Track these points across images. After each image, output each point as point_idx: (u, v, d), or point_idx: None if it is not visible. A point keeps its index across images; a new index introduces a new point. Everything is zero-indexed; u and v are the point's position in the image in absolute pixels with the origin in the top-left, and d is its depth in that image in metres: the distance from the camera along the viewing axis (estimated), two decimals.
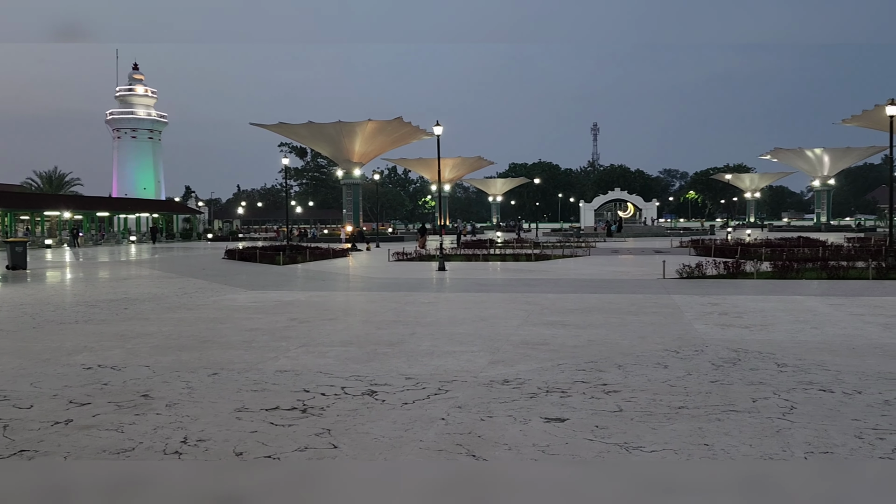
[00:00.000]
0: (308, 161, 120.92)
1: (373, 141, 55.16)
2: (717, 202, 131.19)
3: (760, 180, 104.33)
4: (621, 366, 7.21)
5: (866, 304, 12.09)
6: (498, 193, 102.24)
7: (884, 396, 5.85)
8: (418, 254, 27.95)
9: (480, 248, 31.72)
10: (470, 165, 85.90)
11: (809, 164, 79.40)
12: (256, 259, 26.54)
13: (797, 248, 26.76)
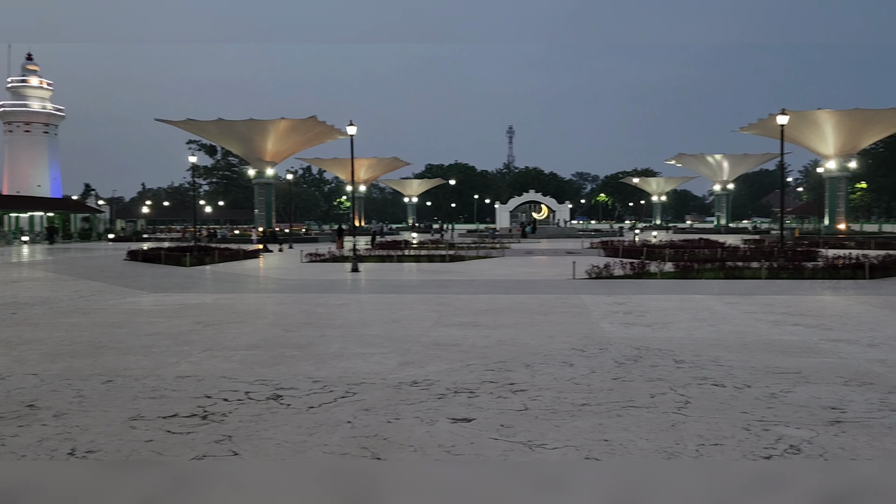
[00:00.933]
0: (218, 159, 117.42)
1: (286, 140, 54.12)
2: (626, 205, 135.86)
3: (666, 184, 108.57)
4: (529, 365, 7.32)
5: (758, 302, 12.76)
6: (414, 194, 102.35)
7: (770, 390, 6.18)
8: (332, 255, 27.61)
9: (395, 249, 31.64)
10: (386, 166, 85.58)
11: (710, 169, 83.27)
12: (161, 260, 25.53)
13: (698, 249, 27.99)
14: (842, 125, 51.59)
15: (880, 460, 4.40)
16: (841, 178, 54.88)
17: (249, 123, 51.86)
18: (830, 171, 54.63)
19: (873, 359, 7.53)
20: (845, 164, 54.42)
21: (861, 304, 12.42)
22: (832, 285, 16.03)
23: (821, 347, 8.24)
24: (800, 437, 4.84)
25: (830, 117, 51.22)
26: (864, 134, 53.83)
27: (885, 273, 18.17)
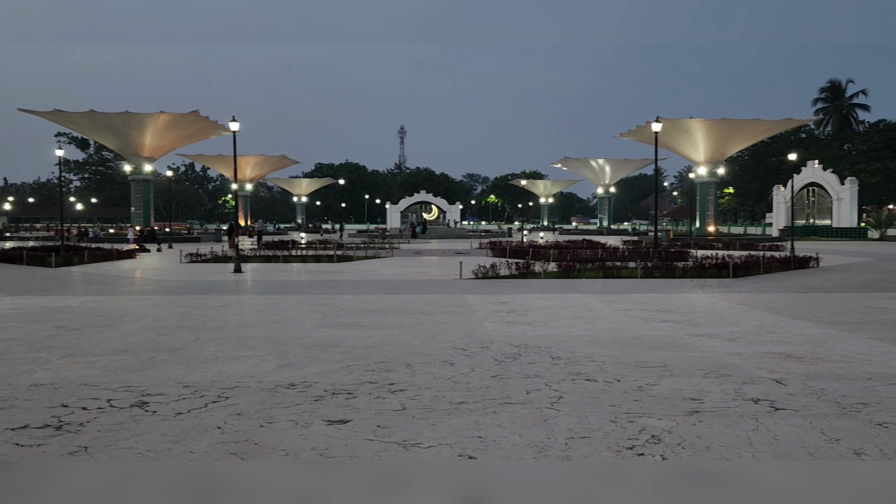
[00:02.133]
0: (91, 154, 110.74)
1: (166, 135, 51.73)
2: (515, 206, 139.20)
3: (553, 186, 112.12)
4: (410, 365, 7.31)
5: (633, 300, 13.37)
6: (303, 193, 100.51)
7: (638, 383, 6.46)
8: (214, 255, 26.61)
9: (282, 249, 30.92)
10: (273, 164, 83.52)
11: (594, 172, 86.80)
12: (23, 261, 23.74)
13: (581, 249, 29.06)
14: (711, 133, 55.10)
15: (733, 448, 4.68)
16: (710, 183, 58.59)
17: (125, 116, 49.21)
18: (701, 176, 58.21)
19: (731, 352, 8.04)
20: (714, 171, 58.14)
21: (724, 302, 13.26)
22: (700, 284, 17.03)
23: (686, 342, 8.72)
24: (661, 428, 5.08)
25: (701, 126, 54.59)
26: (731, 142, 57.73)
27: (746, 272, 19.52)
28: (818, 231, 59.76)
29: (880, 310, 11.96)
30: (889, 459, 4.39)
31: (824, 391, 6.16)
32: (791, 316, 11.11)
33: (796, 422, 5.22)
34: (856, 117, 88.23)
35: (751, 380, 6.61)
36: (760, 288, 15.94)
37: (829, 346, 8.37)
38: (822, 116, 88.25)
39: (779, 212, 66.46)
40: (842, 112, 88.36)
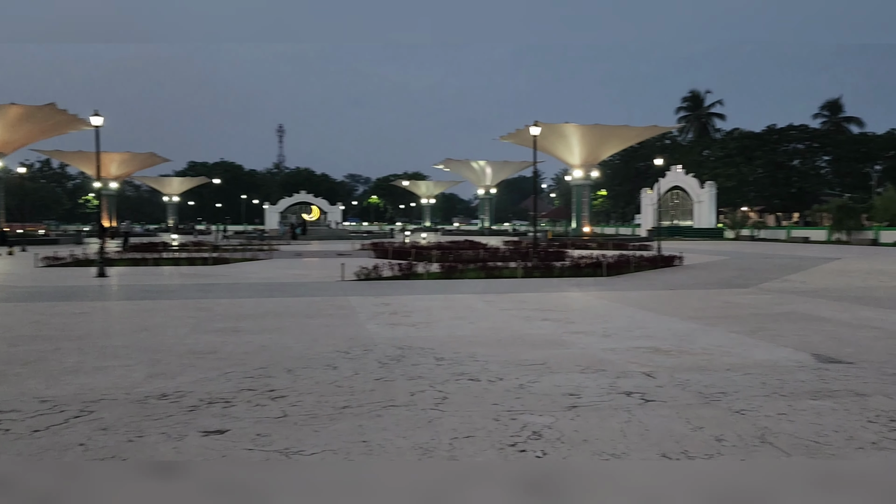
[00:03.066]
0: None
1: (18, 129, 47.85)
2: (397, 207, 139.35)
3: (435, 187, 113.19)
4: (291, 370, 7.12)
5: (514, 299, 13.70)
6: (175, 193, 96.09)
7: (519, 381, 6.61)
8: (74, 258, 24.86)
9: (152, 251, 29.37)
10: (142, 162, 79.16)
11: (475, 174, 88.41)
12: None
13: (463, 250, 29.44)
14: (585, 138, 57.52)
15: (608, 440, 4.87)
16: (585, 185, 61.16)
17: None
18: (577, 179, 60.66)
19: (606, 348, 8.40)
20: (589, 174, 60.75)
21: (599, 300, 13.85)
22: (577, 283, 17.71)
23: (564, 340, 9.02)
24: (542, 424, 5.21)
25: (576, 130, 56.86)
26: (604, 147, 60.52)
27: (619, 271, 20.50)
28: (682, 231, 63.79)
29: (736, 305, 12.89)
30: (746, 445, 4.71)
31: (689, 382, 6.54)
32: (659, 312, 11.76)
33: (665, 412, 5.51)
34: (713, 125, 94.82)
35: (624, 374, 6.92)
36: (632, 286, 16.77)
37: (693, 340, 8.92)
38: (683, 124, 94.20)
39: (647, 213, 70.40)
40: (701, 120, 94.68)
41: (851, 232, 51.82)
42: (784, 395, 6.07)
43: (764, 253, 34.36)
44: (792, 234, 58.43)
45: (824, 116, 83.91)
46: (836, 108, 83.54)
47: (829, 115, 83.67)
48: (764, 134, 75.79)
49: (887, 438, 4.83)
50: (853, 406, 5.67)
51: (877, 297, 13.98)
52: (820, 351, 8.15)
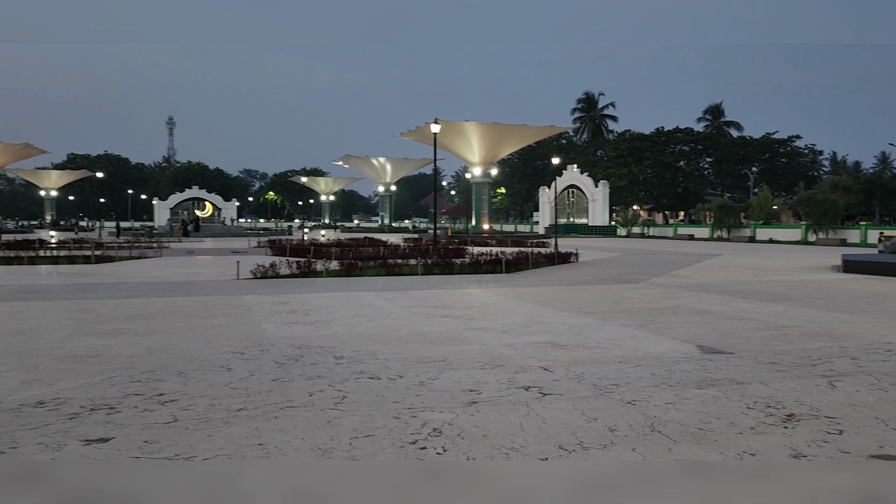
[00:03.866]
0: None
1: None
2: (295, 203, 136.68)
3: (334, 184, 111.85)
4: (182, 373, 6.81)
5: (414, 297, 13.70)
6: (53, 187, 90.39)
7: (420, 378, 6.60)
8: None
9: (27, 249, 27.46)
10: (16, 153, 73.97)
11: (375, 171, 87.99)
12: None
13: (363, 247, 29.24)
14: (485, 136, 58.36)
15: (507, 434, 4.93)
16: (485, 183, 62.08)
17: None
18: (476, 177, 61.47)
19: (505, 343, 8.53)
20: (488, 171, 61.70)
21: (498, 296, 14.07)
22: (476, 279, 17.93)
23: (464, 336, 9.09)
24: (442, 420, 5.22)
25: (476, 129, 57.60)
26: (503, 145, 61.63)
27: (517, 267, 20.92)
28: (577, 229, 65.92)
29: (628, 299, 13.42)
30: (637, 434, 4.89)
31: (584, 375, 6.73)
32: (556, 307, 12.07)
33: (561, 405, 5.64)
34: (606, 127, 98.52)
35: (522, 369, 7.04)
36: (530, 282, 17.15)
37: (588, 334, 9.20)
38: (578, 125, 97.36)
39: (544, 211, 72.30)
40: (595, 121, 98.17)
41: (731, 230, 55.18)
42: (672, 385, 6.35)
43: (653, 249, 36.03)
44: (678, 231, 61.56)
45: (707, 120, 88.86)
46: (717, 113, 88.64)
47: (711, 119, 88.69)
48: (653, 136, 79.46)
49: (764, 423, 5.13)
50: (733, 394, 6.01)
51: (754, 291, 14.91)
52: (704, 342, 8.59)
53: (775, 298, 13.52)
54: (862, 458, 4.38)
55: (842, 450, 4.54)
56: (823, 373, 6.84)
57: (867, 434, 4.87)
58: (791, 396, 5.91)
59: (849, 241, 45.14)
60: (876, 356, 7.71)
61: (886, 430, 4.98)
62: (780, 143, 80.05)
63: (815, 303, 12.81)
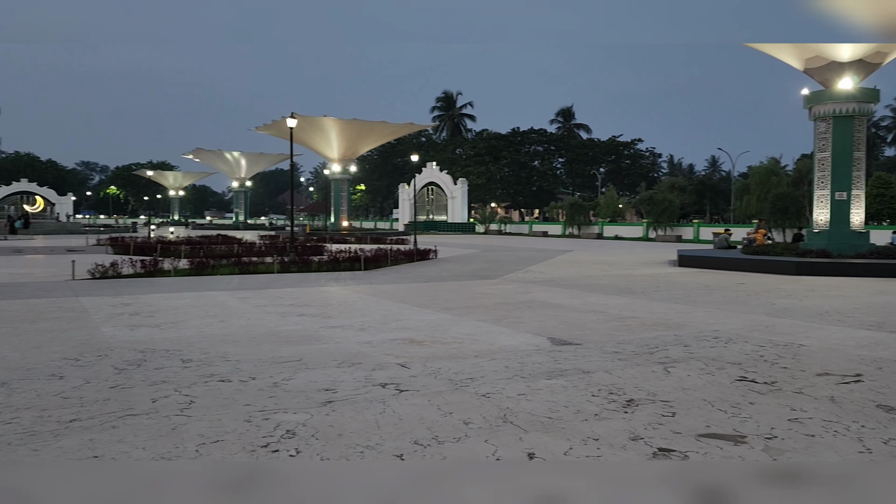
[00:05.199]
0: None
1: None
2: (140, 199, 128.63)
3: (184, 179, 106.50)
4: (5, 383, 6.19)
5: (269, 295, 13.30)
6: None
7: (274, 379, 6.40)
8: None
9: None
10: None
11: (229, 165, 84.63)
12: None
13: (216, 245, 28.02)
14: (344, 132, 57.78)
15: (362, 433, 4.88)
16: (344, 179, 61.46)
17: None
18: (335, 173, 60.72)
19: (363, 341, 8.46)
20: (347, 168, 61.14)
21: (356, 293, 13.96)
22: (335, 277, 17.70)
23: (321, 334, 8.93)
24: (296, 421, 5.08)
25: (335, 124, 56.88)
26: (362, 142, 61.30)
27: (376, 264, 20.88)
28: (437, 226, 66.88)
29: (484, 295, 13.76)
30: (491, 426, 5.00)
31: (441, 370, 6.81)
32: (414, 304, 12.15)
33: (417, 401, 5.67)
34: (465, 126, 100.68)
35: (379, 366, 7.01)
36: (389, 279, 17.16)
37: (445, 330, 9.33)
38: (438, 123, 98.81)
39: (404, 208, 72.74)
40: (454, 120, 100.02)
41: (582, 227, 58.18)
42: (524, 376, 6.57)
43: (510, 246, 37.26)
44: (534, 228, 64.07)
45: (559, 122, 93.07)
46: (568, 115, 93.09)
47: (563, 121, 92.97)
48: (509, 136, 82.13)
49: (606, 410, 5.42)
50: (580, 383, 6.31)
51: (601, 285, 15.79)
52: (554, 335, 8.97)
53: (619, 291, 14.38)
54: (692, 437, 4.73)
55: (674, 430, 4.88)
56: (660, 360, 7.34)
57: (696, 415, 5.27)
58: (631, 383, 6.29)
59: (684, 238, 48.91)
60: (705, 343, 8.39)
61: (713, 410, 5.41)
62: (625, 145, 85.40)
63: (654, 295, 13.75)
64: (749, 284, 16.01)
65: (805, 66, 21.81)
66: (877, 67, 21.21)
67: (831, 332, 9.19)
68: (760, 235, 28.44)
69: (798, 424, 5.04)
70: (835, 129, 21.06)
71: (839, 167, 21.09)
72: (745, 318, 10.58)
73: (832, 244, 20.79)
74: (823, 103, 21.25)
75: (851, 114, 20.87)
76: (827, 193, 21.42)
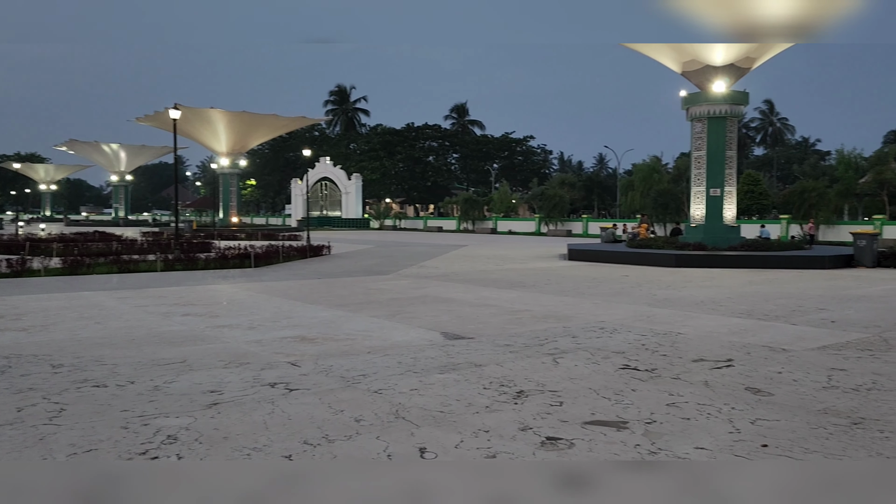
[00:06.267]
0: None
1: None
2: (7, 193, 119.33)
3: (56, 172, 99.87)
4: None
5: (152, 294, 12.68)
6: None
7: (155, 383, 6.08)
8: None
9: None
10: None
11: (107, 158, 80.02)
12: None
13: (93, 242, 26.42)
14: (232, 125, 55.91)
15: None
16: (233, 174, 59.51)
17: None
18: (224, 167, 58.68)
19: (251, 340, 8.20)
20: (237, 162, 59.23)
21: (245, 291, 13.54)
22: (223, 274, 17.09)
23: (207, 334, 8.58)
24: (178, 426, 4.84)
25: (222, 117, 54.94)
26: (252, 135, 59.55)
27: (267, 261, 20.34)
28: (331, 221, 65.97)
29: (379, 290, 13.68)
30: (382, 422, 4.96)
31: (332, 368, 6.70)
32: (306, 301, 11.91)
33: (308, 400, 5.54)
34: (359, 120, 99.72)
35: (269, 365, 6.81)
36: (280, 276, 16.75)
37: (337, 327, 9.20)
38: (331, 117, 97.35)
39: (297, 204, 71.25)
40: (348, 114, 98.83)
41: (476, 222, 59.00)
42: (416, 371, 6.56)
43: (404, 241, 37.26)
44: (428, 223, 64.40)
45: (454, 118, 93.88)
46: (462, 112, 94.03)
47: (457, 117, 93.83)
48: (404, 131, 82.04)
49: (497, 401, 5.50)
50: (472, 376, 6.37)
51: (494, 279, 16.05)
52: (448, 329, 9.02)
53: (512, 285, 14.68)
54: (578, 425, 4.87)
55: (561, 419, 5.01)
56: (549, 351, 7.54)
57: (582, 403, 5.44)
58: (522, 375, 6.42)
59: (574, 232, 50.59)
60: (592, 333, 8.68)
61: (598, 398, 5.60)
62: (517, 142, 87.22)
63: (544, 288, 14.11)
64: (633, 276, 16.74)
65: (683, 69, 23.04)
66: (746, 72, 22.69)
67: (706, 321, 9.74)
68: (643, 230, 29.84)
69: (675, 409, 5.29)
70: (709, 130, 22.37)
71: (713, 165, 22.43)
72: (628, 308, 11.04)
73: (707, 238, 22.08)
74: (699, 105, 22.52)
75: (724, 115, 22.23)
76: (703, 190, 22.73)
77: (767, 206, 47.98)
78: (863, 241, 19.96)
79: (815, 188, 37.56)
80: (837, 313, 10.48)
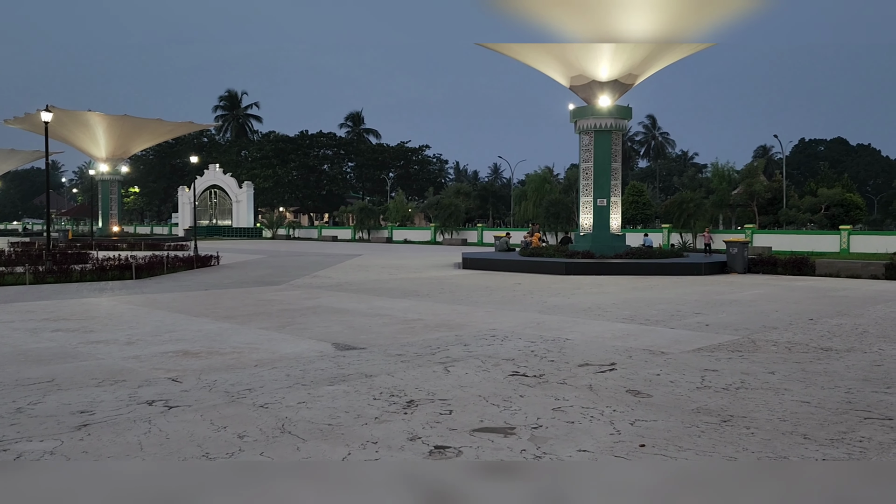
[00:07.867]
0: None
1: None
2: None
3: None
4: None
5: (18, 309, 11.80)
6: None
7: (17, 404, 5.64)
8: None
9: None
10: None
11: None
12: None
13: None
14: (113, 129, 53.17)
15: (121, 457, 4.44)
16: (114, 181, 56.58)
17: None
18: (103, 174, 55.66)
19: (129, 356, 7.77)
20: (118, 168, 56.32)
21: (125, 304, 12.84)
22: (100, 287, 16.16)
23: (79, 351, 8.06)
24: (42, 450, 4.50)
25: (101, 120, 52.16)
26: (135, 140, 56.85)
27: (150, 273, 19.39)
28: (221, 231, 63.81)
29: (269, 301, 13.32)
30: (267, 437, 4.80)
31: (216, 383, 6.43)
32: (191, 314, 11.42)
33: (189, 416, 5.29)
34: (251, 127, 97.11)
35: (147, 382, 6.46)
36: (163, 288, 16.00)
37: (224, 340, 8.86)
38: (221, 123, 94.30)
39: (184, 212, 68.48)
40: (239, 121, 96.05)
41: (371, 231, 58.69)
42: (305, 384, 6.41)
43: (298, 251, 36.54)
44: (323, 233, 63.46)
45: (349, 127, 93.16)
46: (358, 120, 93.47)
47: (352, 125, 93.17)
48: (297, 138, 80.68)
49: (387, 412, 5.45)
50: (362, 387, 6.28)
51: (388, 289, 15.98)
52: (339, 340, 8.89)
53: (406, 294, 14.66)
54: (466, 433, 4.89)
55: (450, 427, 5.02)
56: (441, 360, 7.56)
57: (471, 411, 5.48)
58: (412, 384, 6.39)
59: (469, 241, 51.26)
60: (483, 341, 8.79)
61: (487, 405, 5.66)
62: (413, 151, 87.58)
63: (438, 297, 14.19)
64: (525, 284, 17.12)
65: (571, 83, 23.88)
66: (629, 87, 23.79)
67: (592, 326, 10.08)
68: (536, 239, 30.62)
69: (561, 413, 5.42)
70: (596, 142, 23.28)
71: (601, 176, 23.34)
72: (520, 316, 11.27)
73: (595, 246, 22.93)
74: (586, 118, 23.39)
75: (610, 128, 23.20)
76: (590, 200, 23.60)
77: (651, 216, 50.47)
78: (735, 249, 21.33)
79: (692, 199, 39.84)
80: (711, 317, 11.12)
